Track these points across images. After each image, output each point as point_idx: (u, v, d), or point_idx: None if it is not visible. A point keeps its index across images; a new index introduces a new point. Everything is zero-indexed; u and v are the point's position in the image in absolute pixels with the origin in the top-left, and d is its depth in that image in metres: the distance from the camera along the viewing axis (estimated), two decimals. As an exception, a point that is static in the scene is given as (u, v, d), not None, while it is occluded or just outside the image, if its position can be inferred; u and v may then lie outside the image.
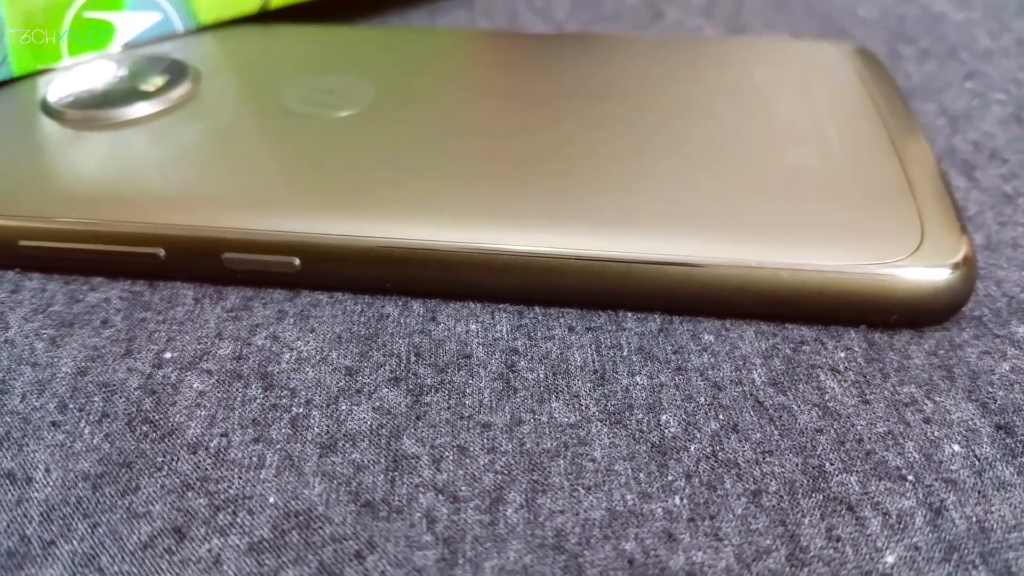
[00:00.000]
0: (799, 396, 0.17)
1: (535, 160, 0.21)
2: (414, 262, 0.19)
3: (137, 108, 0.23)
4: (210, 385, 0.18)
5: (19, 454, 0.17)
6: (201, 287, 0.20)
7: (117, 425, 0.17)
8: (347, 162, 0.21)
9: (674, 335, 0.19)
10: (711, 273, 0.18)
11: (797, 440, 0.17)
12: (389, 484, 0.16)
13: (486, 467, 0.16)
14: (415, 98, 0.24)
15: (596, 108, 0.23)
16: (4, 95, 0.25)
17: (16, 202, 0.20)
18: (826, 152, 0.21)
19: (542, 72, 0.25)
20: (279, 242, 0.19)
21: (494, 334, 0.19)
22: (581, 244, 0.19)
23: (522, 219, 0.19)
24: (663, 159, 0.21)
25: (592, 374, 0.18)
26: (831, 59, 0.26)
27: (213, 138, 0.22)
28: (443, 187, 0.20)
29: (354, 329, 0.19)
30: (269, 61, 0.26)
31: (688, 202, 0.19)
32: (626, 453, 0.16)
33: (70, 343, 0.19)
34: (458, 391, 0.18)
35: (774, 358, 0.18)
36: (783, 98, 0.23)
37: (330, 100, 0.23)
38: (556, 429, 0.17)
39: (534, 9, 0.33)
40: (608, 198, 0.19)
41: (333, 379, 0.18)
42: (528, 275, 0.19)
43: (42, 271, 0.21)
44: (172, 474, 0.16)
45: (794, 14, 0.32)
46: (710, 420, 0.17)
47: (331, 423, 0.17)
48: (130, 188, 0.20)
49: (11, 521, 0.15)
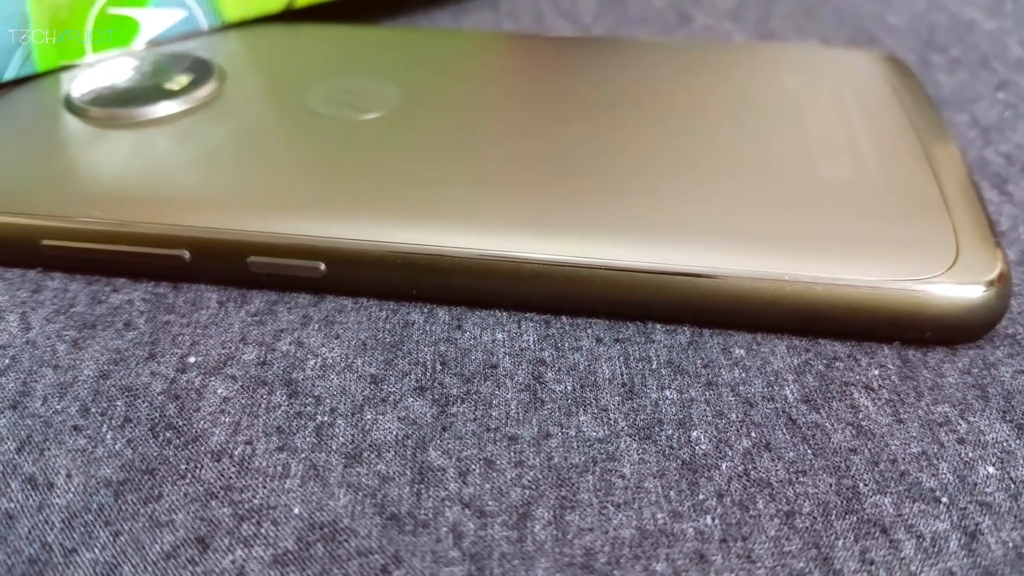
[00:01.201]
0: (832, 414, 0.17)
1: (564, 166, 0.20)
2: (441, 269, 0.19)
3: (162, 107, 0.23)
4: (234, 391, 0.18)
5: (40, 458, 0.16)
6: (225, 290, 0.20)
7: (140, 430, 0.17)
8: (373, 166, 0.21)
9: (704, 348, 0.18)
10: (743, 286, 0.18)
11: (831, 460, 0.16)
12: (415, 497, 0.16)
13: (513, 481, 0.16)
14: (441, 101, 0.23)
15: (626, 114, 0.23)
16: (27, 91, 0.25)
17: (38, 200, 0.20)
18: (859, 163, 0.21)
19: (569, 76, 0.25)
20: (304, 246, 0.19)
21: (521, 344, 0.19)
22: (610, 254, 0.18)
23: (550, 227, 0.19)
24: (694, 167, 0.20)
25: (621, 387, 0.18)
26: (862, 67, 0.25)
27: (238, 139, 0.22)
28: (470, 193, 0.20)
29: (379, 336, 0.19)
30: (294, 61, 0.26)
31: (720, 212, 0.19)
32: (656, 470, 0.16)
33: (92, 345, 0.19)
34: (484, 402, 0.17)
35: (807, 374, 0.18)
36: (815, 107, 0.23)
37: (355, 102, 0.23)
38: (584, 444, 0.16)
39: (560, 11, 0.32)
40: (638, 207, 0.19)
41: (358, 387, 0.18)
42: (556, 284, 0.19)
43: (64, 271, 0.21)
44: (195, 482, 0.16)
45: (823, 20, 0.32)
46: (742, 438, 0.17)
47: (356, 432, 0.17)
48: (155, 188, 0.20)
49: (33, 527, 0.15)
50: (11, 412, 0.17)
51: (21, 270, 0.21)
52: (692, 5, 0.33)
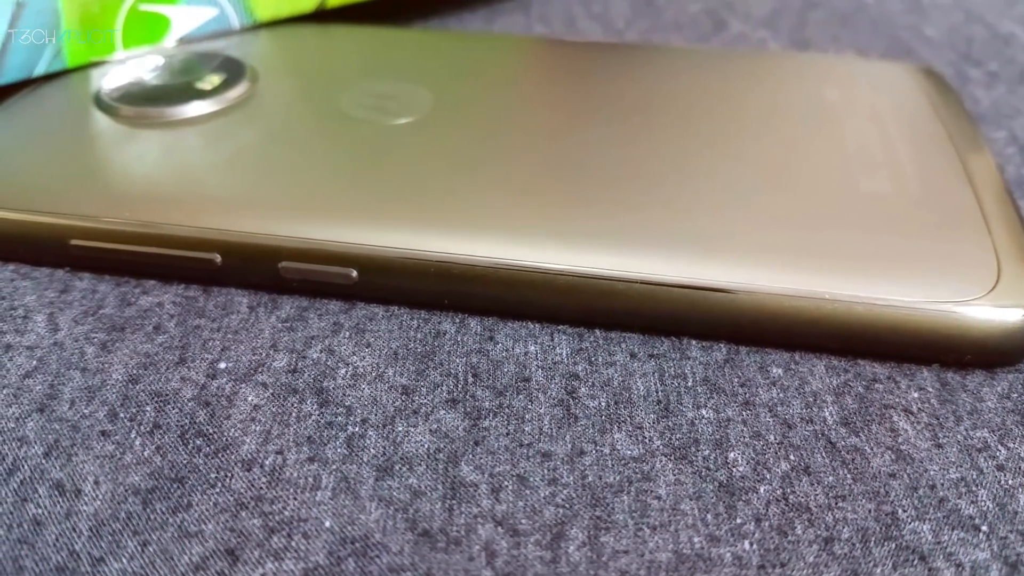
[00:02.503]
0: (872, 438, 0.17)
1: (599, 176, 0.20)
2: (474, 279, 0.19)
3: (193, 107, 0.23)
4: (265, 399, 0.17)
5: (68, 464, 0.16)
6: (256, 295, 0.20)
7: (169, 437, 0.17)
8: (407, 172, 0.20)
9: (741, 367, 0.18)
10: (782, 303, 0.18)
11: (870, 484, 0.16)
12: (447, 513, 0.15)
13: (547, 500, 0.16)
14: (474, 107, 0.23)
15: (662, 123, 0.22)
16: (57, 87, 0.25)
17: (67, 199, 0.20)
18: (899, 180, 0.20)
19: (604, 83, 0.25)
20: (337, 253, 0.19)
21: (553, 357, 0.18)
22: (647, 267, 0.18)
23: (586, 239, 0.18)
24: (732, 179, 0.20)
25: (656, 404, 0.17)
26: (900, 80, 0.25)
27: (271, 142, 0.21)
28: (505, 202, 0.19)
29: (410, 346, 0.19)
30: (326, 63, 0.26)
31: (760, 227, 0.19)
32: (692, 492, 0.16)
33: (121, 348, 0.19)
34: (517, 416, 0.17)
35: (846, 396, 0.18)
36: (854, 120, 0.23)
37: (388, 106, 0.23)
38: (619, 462, 0.16)
39: (592, 15, 0.32)
40: (675, 220, 0.19)
41: (389, 398, 0.18)
42: (590, 297, 0.18)
43: (93, 271, 0.21)
44: (225, 492, 0.16)
45: (858, 30, 0.31)
46: (780, 460, 0.16)
47: (387, 444, 0.17)
48: (187, 190, 0.20)
49: (60, 535, 0.15)
50: (38, 415, 0.17)
51: (49, 269, 0.21)
52: (727, 11, 0.32)
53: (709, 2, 0.33)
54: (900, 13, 0.33)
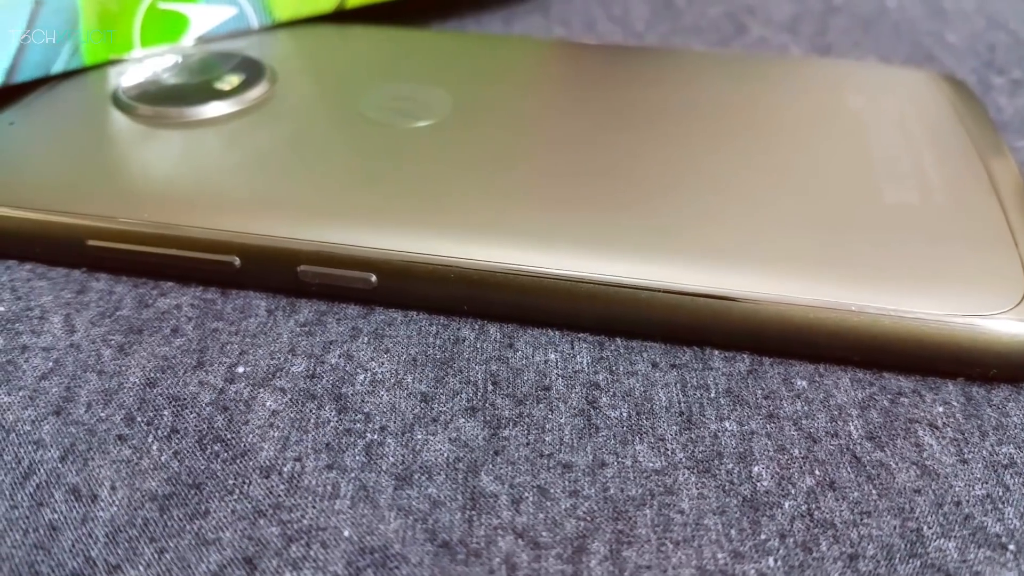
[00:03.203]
0: (897, 452, 0.17)
1: (621, 182, 0.20)
2: (494, 285, 0.18)
3: (212, 107, 0.22)
4: (283, 404, 0.17)
5: (84, 469, 0.16)
6: (274, 298, 0.20)
7: (187, 442, 0.17)
8: (427, 176, 0.20)
9: (764, 378, 0.18)
10: (808, 314, 0.17)
11: (895, 500, 0.16)
12: (467, 524, 0.15)
13: (568, 512, 0.15)
14: (494, 110, 0.23)
15: (684, 128, 0.22)
16: (74, 86, 0.24)
17: (84, 199, 0.20)
18: (925, 190, 0.20)
19: (625, 87, 0.24)
20: (356, 257, 0.19)
21: (574, 366, 0.18)
22: (669, 276, 0.18)
23: (608, 246, 0.18)
24: (757, 188, 0.20)
25: (678, 416, 0.17)
26: (924, 88, 0.25)
27: (290, 144, 0.21)
28: (526, 208, 0.19)
29: (429, 352, 0.18)
30: (345, 64, 0.25)
31: (784, 236, 0.18)
32: (716, 506, 0.16)
33: (139, 351, 0.18)
34: (537, 426, 0.17)
35: (871, 409, 0.17)
36: (879, 128, 0.22)
37: (408, 108, 0.23)
38: (641, 475, 0.16)
39: (612, 17, 0.32)
40: (699, 228, 0.19)
41: (408, 405, 0.17)
42: (612, 305, 0.18)
43: (110, 272, 0.20)
44: (243, 499, 0.16)
45: (880, 36, 0.31)
46: (805, 475, 0.16)
47: (406, 453, 0.16)
48: (206, 192, 0.20)
49: (76, 540, 0.15)
50: (54, 418, 0.17)
51: (65, 269, 0.21)
52: (747, 15, 0.32)
53: (729, 5, 0.33)
54: (922, 19, 0.32)
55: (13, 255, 0.21)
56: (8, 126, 0.23)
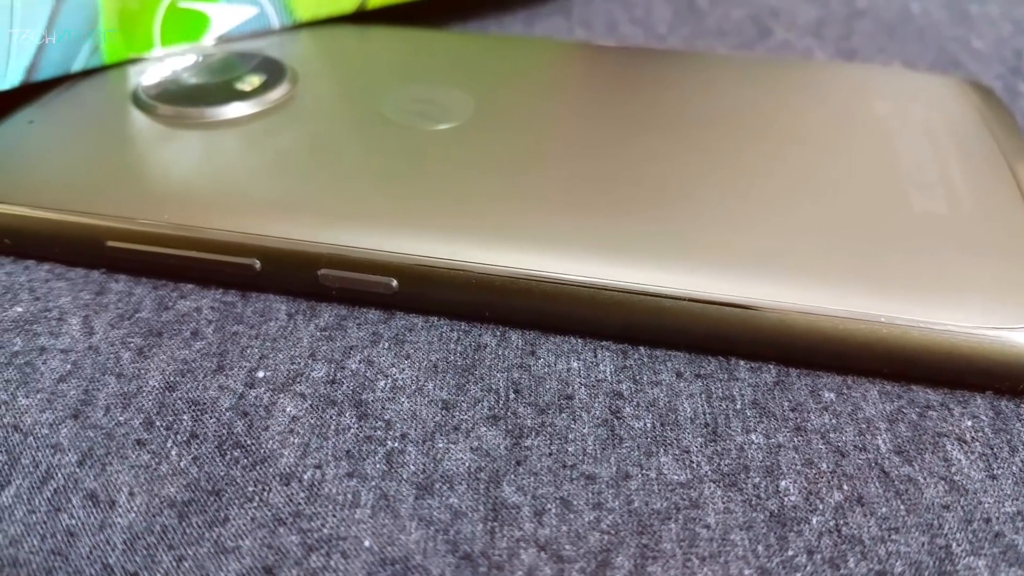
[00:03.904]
0: (925, 467, 0.16)
1: (645, 188, 0.20)
2: (516, 292, 0.18)
3: (233, 108, 0.22)
4: (303, 410, 0.17)
5: (102, 474, 0.16)
6: (294, 301, 0.20)
7: (206, 448, 0.16)
8: (449, 180, 0.20)
9: (791, 390, 0.18)
10: (836, 325, 0.17)
11: (924, 517, 0.15)
12: (488, 536, 0.15)
13: (591, 525, 0.15)
14: (515, 113, 0.23)
15: (708, 133, 0.22)
16: (94, 84, 0.24)
17: (104, 199, 0.20)
18: (953, 199, 0.20)
19: (647, 90, 0.24)
20: (377, 261, 0.18)
21: (597, 375, 0.18)
22: (695, 284, 0.18)
23: (633, 253, 0.18)
24: (783, 195, 0.20)
25: (703, 428, 0.17)
26: (951, 94, 0.24)
27: (311, 146, 0.21)
28: (548, 213, 0.19)
29: (450, 359, 0.18)
30: (366, 65, 0.25)
31: (812, 245, 0.18)
32: (742, 521, 0.15)
33: (158, 354, 0.18)
34: (560, 436, 0.17)
35: (899, 423, 0.17)
36: (905, 135, 0.22)
37: (429, 111, 0.22)
38: (666, 487, 0.16)
39: (634, 20, 0.32)
40: (725, 236, 0.18)
41: (429, 412, 0.17)
42: (636, 314, 0.18)
43: (129, 273, 0.20)
44: (263, 506, 0.15)
45: (905, 41, 0.31)
46: (833, 490, 0.16)
47: (427, 461, 0.16)
48: (227, 194, 0.20)
49: (94, 547, 0.15)
50: (72, 422, 0.17)
51: (84, 270, 0.20)
52: (771, 18, 0.32)
53: (753, 8, 0.32)
54: (947, 24, 0.32)
55: (32, 255, 0.21)
56: (28, 124, 0.22)
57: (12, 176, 0.21)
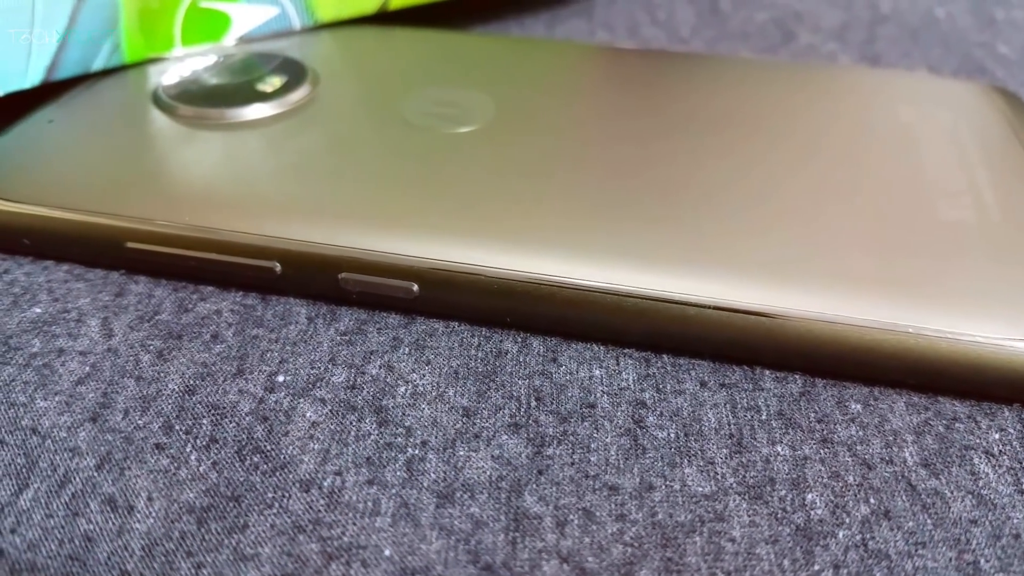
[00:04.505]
0: (952, 481, 0.16)
1: (669, 194, 0.20)
2: (538, 297, 0.18)
3: (254, 109, 0.22)
4: (323, 416, 0.17)
5: (120, 478, 0.16)
6: (314, 305, 0.19)
7: (226, 453, 0.16)
8: (470, 184, 0.20)
9: (818, 400, 0.17)
10: (864, 335, 0.17)
11: (951, 531, 0.15)
12: (510, 546, 0.15)
13: (615, 537, 0.15)
14: (538, 116, 0.23)
15: (732, 139, 0.22)
16: (114, 84, 0.24)
17: (124, 200, 0.20)
18: (981, 207, 0.19)
19: (670, 94, 0.24)
20: (398, 266, 0.18)
21: (619, 383, 0.18)
22: (720, 292, 0.17)
23: (657, 260, 0.18)
24: (809, 202, 0.19)
25: (728, 439, 0.17)
26: (977, 101, 0.24)
27: (332, 148, 0.21)
28: (571, 219, 0.19)
29: (471, 365, 0.18)
30: (387, 67, 0.25)
31: (838, 253, 0.18)
32: (768, 535, 0.15)
33: (178, 357, 0.18)
34: (582, 445, 0.16)
35: (926, 435, 0.17)
36: (932, 141, 0.22)
37: (450, 113, 0.22)
38: (690, 500, 0.16)
39: (656, 22, 0.31)
40: (750, 243, 0.18)
41: (450, 419, 0.17)
42: (660, 321, 0.18)
43: (149, 274, 0.20)
44: (283, 513, 0.15)
45: (929, 46, 0.30)
46: (860, 503, 0.16)
47: (448, 469, 0.16)
48: (247, 196, 0.19)
49: (112, 553, 0.15)
50: (90, 425, 0.17)
51: (103, 271, 0.20)
52: (795, 22, 0.31)
53: (777, 12, 0.32)
54: (972, 29, 0.32)
55: (51, 256, 0.21)
56: (48, 124, 0.22)
57: (31, 175, 0.21)
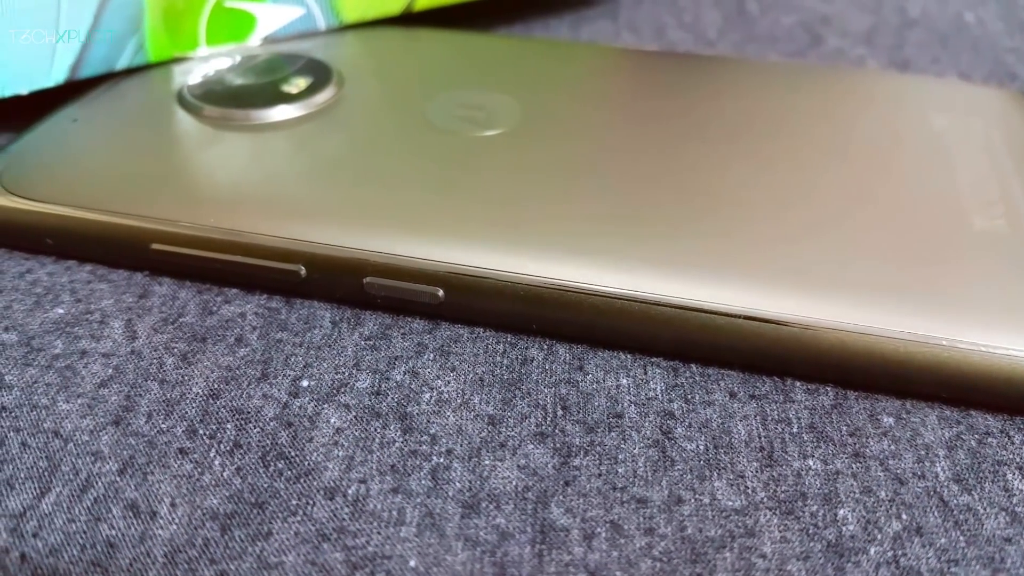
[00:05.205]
0: (985, 497, 0.16)
1: (698, 201, 0.19)
2: (565, 304, 0.18)
3: (279, 110, 0.22)
4: (348, 422, 0.17)
5: (143, 483, 0.16)
6: (339, 309, 0.19)
7: (250, 458, 0.16)
8: (497, 188, 0.20)
9: (849, 413, 0.17)
10: (898, 348, 0.17)
11: (984, 549, 0.15)
12: (537, 559, 0.15)
13: (643, 551, 0.15)
14: (564, 120, 0.22)
15: (764, 144, 0.21)
16: (138, 83, 0.24)
17: (149, 201, 0.20)
18: (1015, 217, 0.19)
19: (698, 98, 0.24)
20: (424, 271, 0.18)
21: (647, 392, 0.17)
22: (751, 302, 0.17)
23: (687, 267, 0.18)
24: (841, 210, 0.19)
25: (758, 452, 0.16)
26: (1010, 108, 0.24)
27: (357, 151, 0.21)
28: (599, 224, 0.19)
29: (496, 372, 0.18)
30: (412, 69, 0.25)
31: (871, 263, 0.18)
32: (799, 551, 0.15)
33: (202, 360, 0.18)
34: (610, 456, 0.16)
35: (958, 450, 0.16)
36: (964, 150, 0.21)
37: (476, 117, 0.22)
38: (720, 514, 0.15)
39: (683, 25, 0.31)
40: (781, 251, 0.18)
41: (475, 427, 0.17)
42: (689, 331, 0.17)
43: (173, 276, 0.20)
44: (307, 521, 0.15)
45: (959, 51, 0.30)
46: (892, 519, 0.15)
47: (473, 479, 0.16)
48: (273, 198, 0.19)
49: (134, 559, 0.15)
50: (113, 428, 0.17)
51: (127, 272, 0.20)
52: (823, 25, 0.31)
53: (804, 15, 0.32)
54: (1002, 35, 0.31)
55: (74, 256, 0.21)
56: (71, 123, 0.22)
57: (55, 175, 0.20)
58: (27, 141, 0.22)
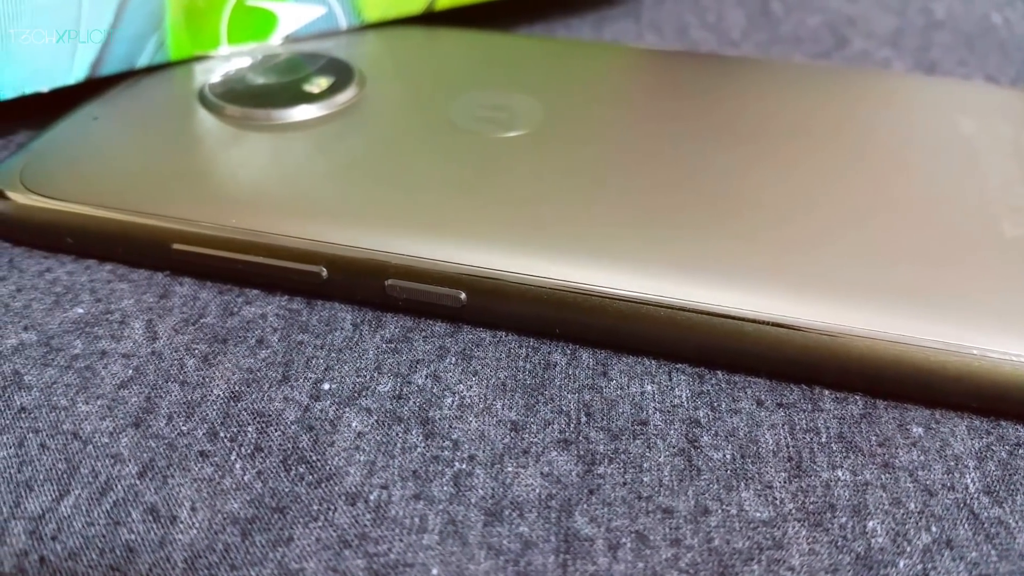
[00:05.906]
0: (1016, 510, 0.15)
1: (724, 205, 0.19)
2: (589, 309, 0.18)
3: (301, 110, 0.22)
4: (369, 426, 0.17)
5: (163, 487, 0.16)
6: (360, 311, 0.19)
7: (271, 462, 0.16)
8: (520, 190, 0.19)
9: (879, 423, 0.17)
10: (928, 356, 0.16)
11: (1017, 564, 0.15)
12: (561, 569, 0.14)
13: (669, 562, 0.15)
14: (587, 121, 0.22)
15: (791, 148, 0.21)
16: (159, 81, 0.24)
17: (170, 200, 0.19)
18: (1047, 224, 0.19)
19: (723, 99, 0.23)
20: (446, 273, 0.18)
21: (672, 399, 0.17)
22: (779, 308, 0.17)
23: (713, 272, 0.17)
24: (869, 216, 0.19)
25: (786, 461, 0.16)
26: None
27: (380, 152, 0.21)
28: (624, 228, 0.18)
29: (519, 377, 0.18)
30: (434, 69, 0.25)
31: (901, 270, 0.17)
32: (828, 563, 0.15)
33: (223, 362, 0.18)
34: (634, 464, 0.16)
35: (988, 461, 0.16)
36: (993, 154, 0.21)
37: (499, 117, 0.22)
38: (747, 525, 0.15)
39: (706, 25, 0.31)
40: (810, 257, 0.18)
41: (497, 433, 0.17)
42: (715, 337, 0.17)
43: (193, 276, 0.20)
44: (328, 526, 0.15)
45: (986, 54, 0.30)
46: (921, 531, 0.15)
47: (496, 486, 0.16)
48: (295, 199, 0.19)
49: (154, 564, 0.14)
50: (133, 431, 0.16)
51: (148, 272, 0.20)
52: (848, 27, 0.31)
53: (829, 16, 0.31)
54: (1030, 37, 0.31)
55: (94, 255, 0.20)
56: (92, 121, 0.22)
57: (75, 173, 0.20)
58: (47, 139, 0.21)
